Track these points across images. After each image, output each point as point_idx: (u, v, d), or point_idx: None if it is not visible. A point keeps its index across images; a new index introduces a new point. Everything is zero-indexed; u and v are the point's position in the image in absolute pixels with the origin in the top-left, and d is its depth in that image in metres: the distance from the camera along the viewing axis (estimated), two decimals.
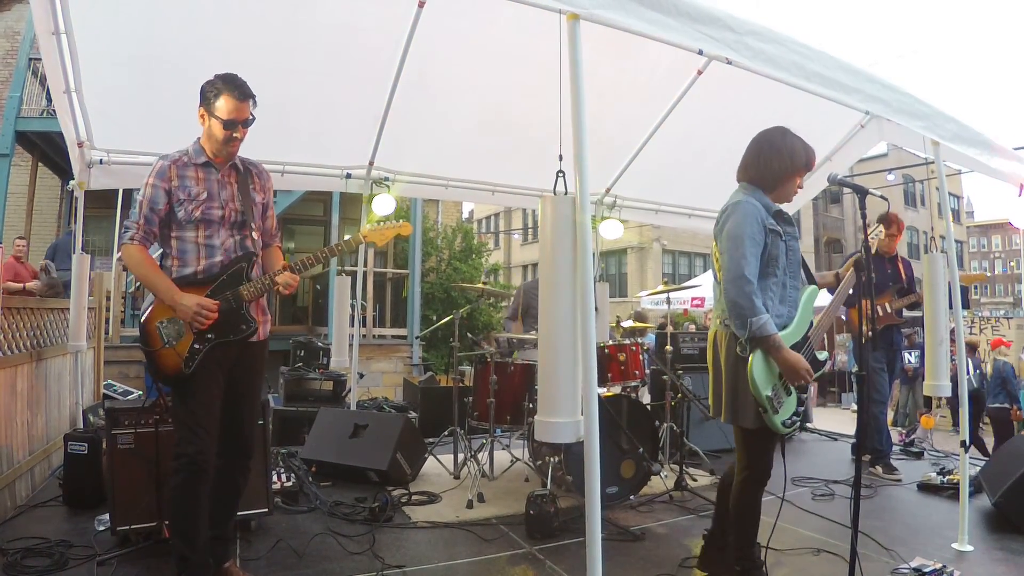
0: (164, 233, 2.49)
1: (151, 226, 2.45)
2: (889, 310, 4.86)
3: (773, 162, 2.59)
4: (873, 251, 4.94)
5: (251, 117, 2.51)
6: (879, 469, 4.79)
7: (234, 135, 2.48)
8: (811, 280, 2.77)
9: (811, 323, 2.65)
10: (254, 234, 2.60)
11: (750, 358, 2.44)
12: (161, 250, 2.56)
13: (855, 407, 9.21)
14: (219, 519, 2.56)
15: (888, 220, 4.93)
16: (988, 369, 8.73)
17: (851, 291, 2.86)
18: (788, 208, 6.00)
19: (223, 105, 2.43)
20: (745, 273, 2.42)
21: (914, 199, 33.87)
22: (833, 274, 2.99)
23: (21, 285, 7.43)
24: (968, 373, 9.36)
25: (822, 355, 2.69)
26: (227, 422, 2.51)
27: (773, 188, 2.62)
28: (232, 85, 2.44)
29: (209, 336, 2.45)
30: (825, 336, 2.71)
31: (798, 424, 2.59)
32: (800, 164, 2.61)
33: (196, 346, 2.43)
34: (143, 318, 2.46)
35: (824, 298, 2.98)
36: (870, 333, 2.68)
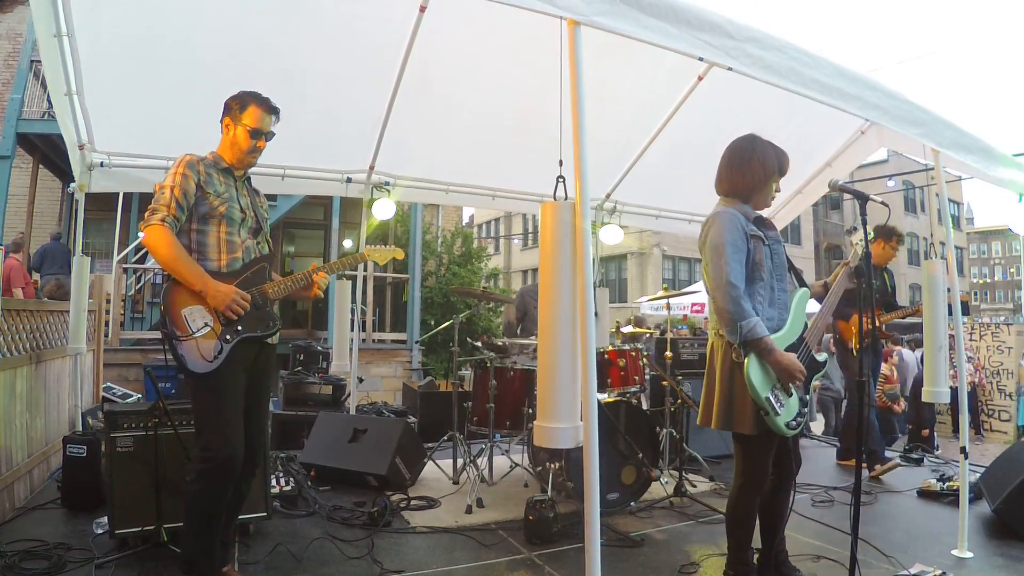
0: (185, 226, 2.49)
1: (181, 212, 2.43)
2: (877, 323, 4.89)
3: (746, 173, 2.63)
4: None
5: (272, 132, 2.63)
6: (877, 468, 4.80)
7: (258, 145, 2.58)
8: (802, 283, 2.81)
9: (805, 325, 2.67)
10: (268, 240, 2.72)
11: (745, 362, 2.45)
12: None
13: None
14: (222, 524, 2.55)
15: (900, 236, 5.09)
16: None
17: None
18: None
19: (251, 114, 2.54)
20: (730, 279, 2.46)
21: (914, 205, 33.90)
22: (821, 283, 3.01)
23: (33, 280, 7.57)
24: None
25: (820, 356, 2.72)
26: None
27: (749, 197, 2.66)
28: (260, 98, 2.58)
29: (239, 328, 2.44)
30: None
31: (803, 425, 2.59)
32: (773, 170, 2.65)
33: (227, 337, 2.40)
34: (164, 300, 2.40)
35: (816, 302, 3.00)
36: (864, 342, 2.67)
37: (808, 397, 2.61)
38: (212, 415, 2.40)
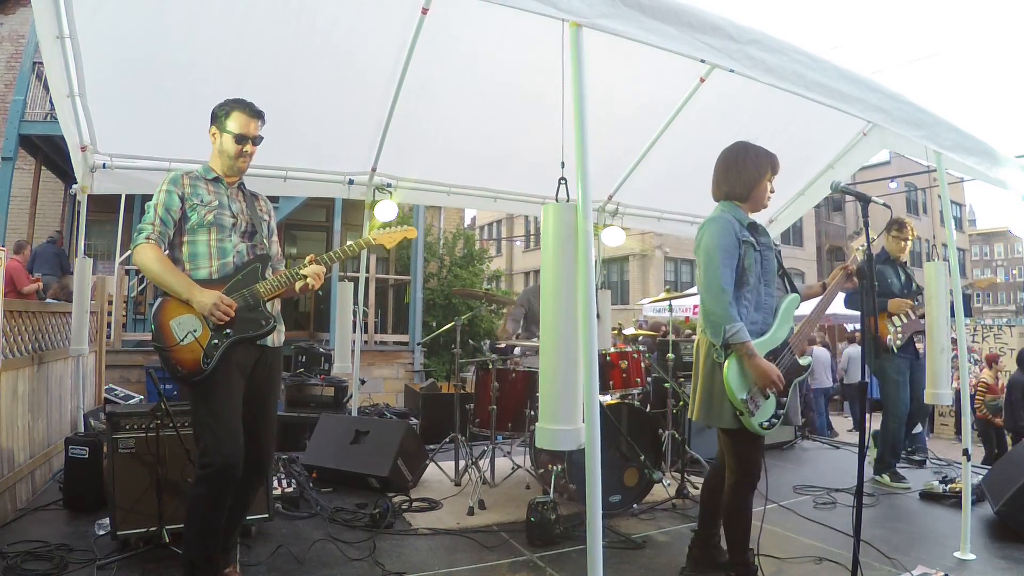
0: (175, 239, 2.51)
1: (167, 228, 2.46)
2: (914, 316, 4.72)
3: (742, 173, 2.74)
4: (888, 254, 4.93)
5: (260, 136, 2.63)
6: (886, 478, 4.75)
7: (245, 149, 2.59)
8: (794, 289, 2.86)
9: (791, 329, 2.74)
10: (265, 241, 2.69)
11: (725, 364, 2.55)
12: (170, 256, 2.53)
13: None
14: (225, 529, 2.54)
15: (902, 224, 4.92)
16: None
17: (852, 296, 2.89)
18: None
19: (235, 120, 2.56)
20: (721, 284, 2.56)
21: (916, 207, 33.86)
22: (820, 284, 3.11)
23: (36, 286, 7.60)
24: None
25: (804, 360, 2.79)
26: (246, 435, 2.45)
27: (748, 197, 2.76)
28: (243, 104, 2.60)
29: (227, 332, 2.43)
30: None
31: (776, 425, 2.67)
32: (766, 168, 2.76)
33: (214, 341, 2.40)
34: (154, 315, 2.42)
35: (807, 306, 3.02)
36: (866, 343, 2.68)
37: (786, 400, 2.68)
38: (208, 420, 2.39)
